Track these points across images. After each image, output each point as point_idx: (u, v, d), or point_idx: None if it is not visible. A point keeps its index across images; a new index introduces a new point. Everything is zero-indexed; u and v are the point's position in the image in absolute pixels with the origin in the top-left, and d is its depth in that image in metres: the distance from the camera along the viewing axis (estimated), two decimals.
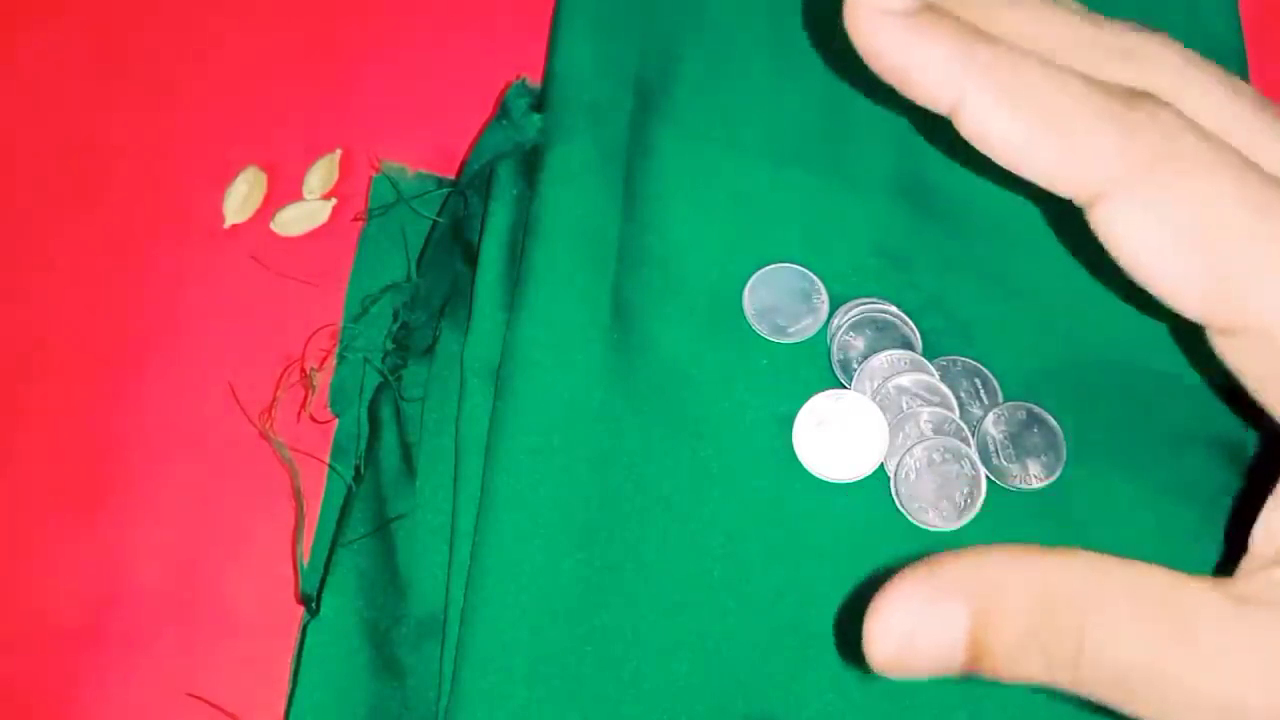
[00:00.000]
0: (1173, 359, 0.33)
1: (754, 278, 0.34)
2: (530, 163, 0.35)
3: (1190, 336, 0.23)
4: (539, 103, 0.36)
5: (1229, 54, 0.36)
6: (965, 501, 0.31)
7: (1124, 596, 0.20)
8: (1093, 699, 0.21)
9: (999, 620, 0.21)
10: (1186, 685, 0.20)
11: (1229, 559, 0.24)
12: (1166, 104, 0.21)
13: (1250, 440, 0.32)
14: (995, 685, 0.25)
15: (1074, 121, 0.21)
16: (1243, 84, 0.23)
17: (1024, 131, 0.21)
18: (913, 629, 0.21)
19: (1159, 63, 0.23)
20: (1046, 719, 0.30)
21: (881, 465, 0.32)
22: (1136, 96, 0.21)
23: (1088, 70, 0.22)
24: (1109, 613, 0.20)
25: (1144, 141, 0.21)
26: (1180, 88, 0.22)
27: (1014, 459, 0.32)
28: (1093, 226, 0.22)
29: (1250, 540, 0.22)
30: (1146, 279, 0.21)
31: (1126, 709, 0.21)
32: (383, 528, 0.32)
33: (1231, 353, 0.22)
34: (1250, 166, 0.21)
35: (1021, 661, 0.21)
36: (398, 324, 0.35)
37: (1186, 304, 0.21)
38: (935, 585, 0.21)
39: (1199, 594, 0.20)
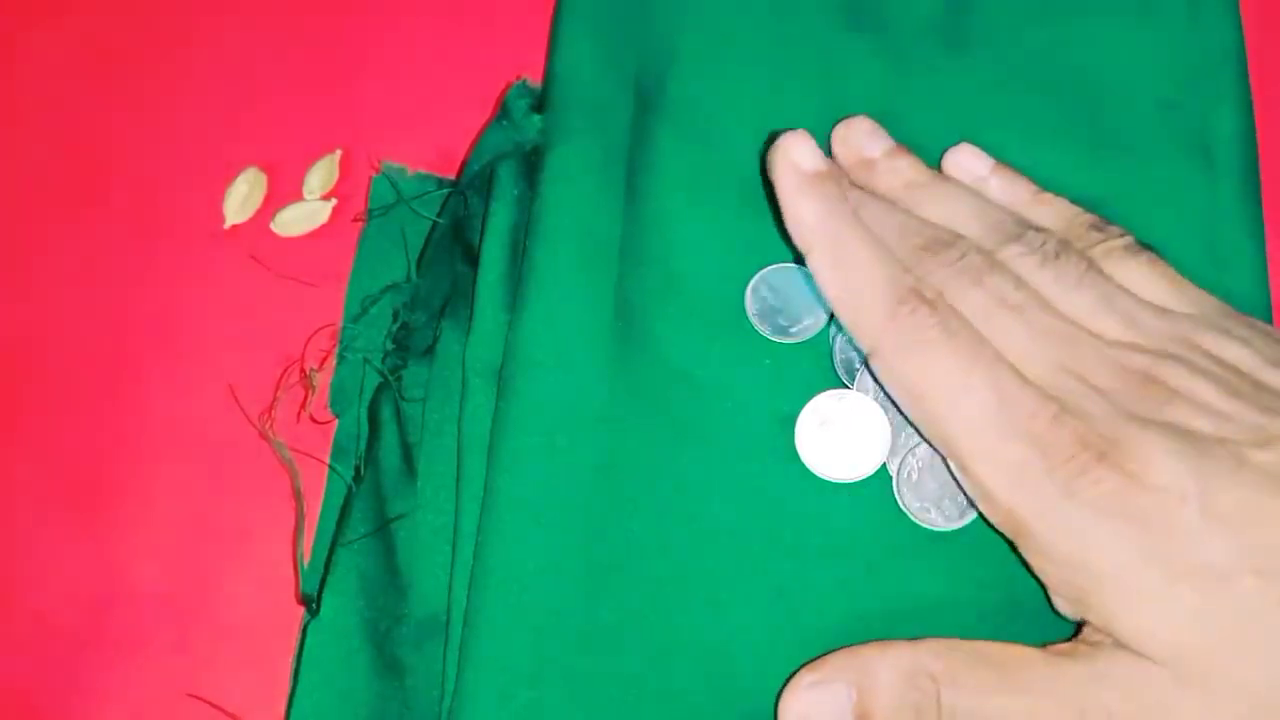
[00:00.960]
0: None
1: (756, 277, 0.34)
2: (531, 163, 0.35)
3: None
4: (539, 103, 0.36)
5: (1229, 54, 0.36)
6: (968, 500, 0.31)
7: (965, 664, 0.27)
8: None
9: (874, 693, 0.28)
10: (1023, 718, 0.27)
11: None
12: (929, 302, 0.29)
13: None
14: None
15: (866, 301, 0.29)
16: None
17: (837, 293, 0.30)
18: (808, 709, 0.28)
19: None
20: None
21: (884, 465, 0.32)
22: (912, 295, 0.29)
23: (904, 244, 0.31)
24: (954, 678, 0.27)
25: (900, 328, 0.29)
26: (957, 288, 0.30)
27: None
28: (870, 366, 0.30)
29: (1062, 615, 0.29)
30: (902, 410, 0.30)
31: None
32: (383, 528, 0.32)
33: (954, 472, 0.29)
34: (967, 351, 0.28)
35: None
36: (398, 324, 0.35)
37: (921, 433, 0.30)
38: (821, 671, 0.28)
39: (1024, 653, 0.27)
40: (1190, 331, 0.29)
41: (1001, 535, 0.29)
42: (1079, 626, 0.28)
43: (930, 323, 0.28)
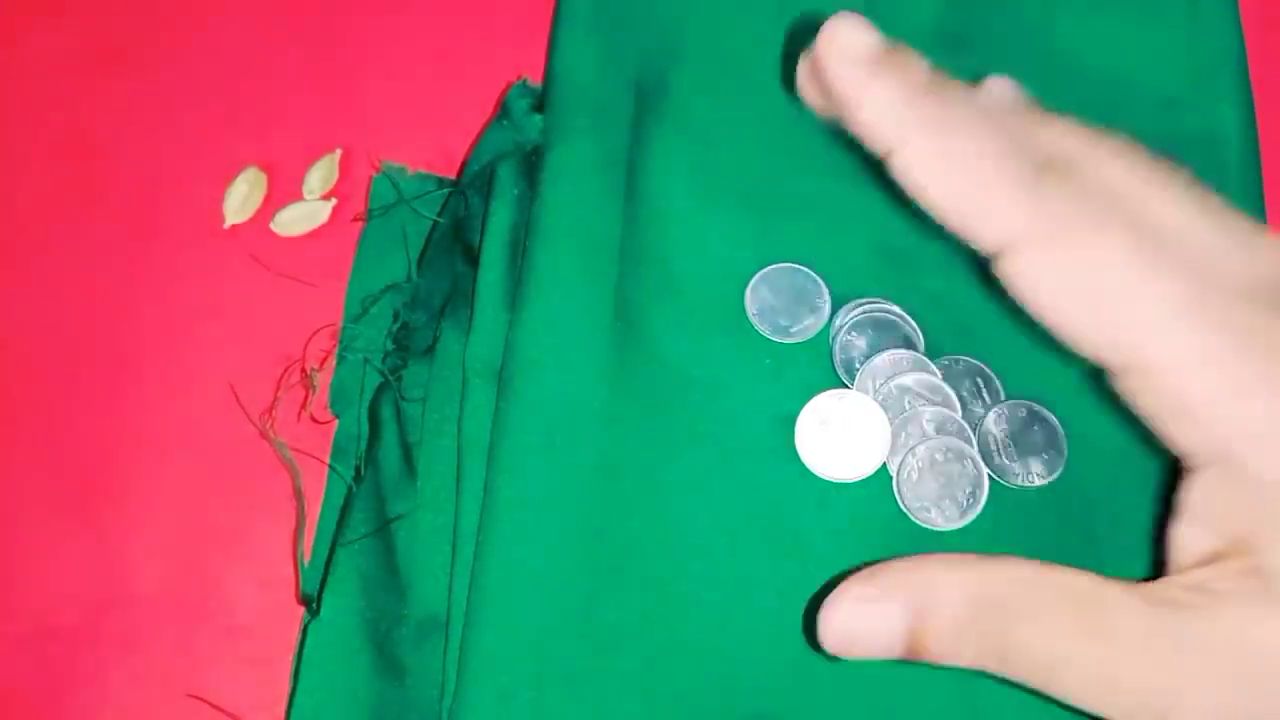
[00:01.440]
0: None
1: (756, 277, 0.34)
2: (531, 163, 0.35)
3: (1098, 377, 0.26)
4: (540, 103, 0.36)
5: (1229, 54, 0.36)
6: (968, 501, 0.31)
7: (1046, 598, 0.23)
8: (1022, 685, 0.24)
9: (932, 617, 0.24)
10: (1103, 673, 0.22)
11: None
12: (1074, 172, 0.24)
13: None
14: (995, 688, 0.27)
15: (993, 183, 0.24)
16: (1138, 152, 0.26)
17: (949, 185, 0.24)
18: (854, 625, 0.25)
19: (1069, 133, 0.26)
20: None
21: (884, 465, 0.32)
22: (1049, 166, 0.24)
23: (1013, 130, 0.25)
24: (1031, 613, 0.23)
25: (1049, 208, 0.23)
26: (1087, 153, 0.25)
27: (1015, 457, 0.32)
28: (1000, 274, 0.24)
29: (1168, 553, 0.25)
30: (1048, 323, 0.24)
31: (1052, 693, 0.23)
32: (383, 528, 0.32)
33: (1127, 392, 0.25)
34: (1139, 229, 0.23)
35: (954, 652, 0.24)
36: (398, 324, 0.35)
37: (1082, 347, 0.24)
38: (876, 587, 0.25)
39: (1117, 595, 0.23)
40: None
41: (1175, 469, 0.24)
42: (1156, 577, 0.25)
43: (1084, 194, 0.23)
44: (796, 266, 0.34)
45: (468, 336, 0.33)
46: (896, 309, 0.33)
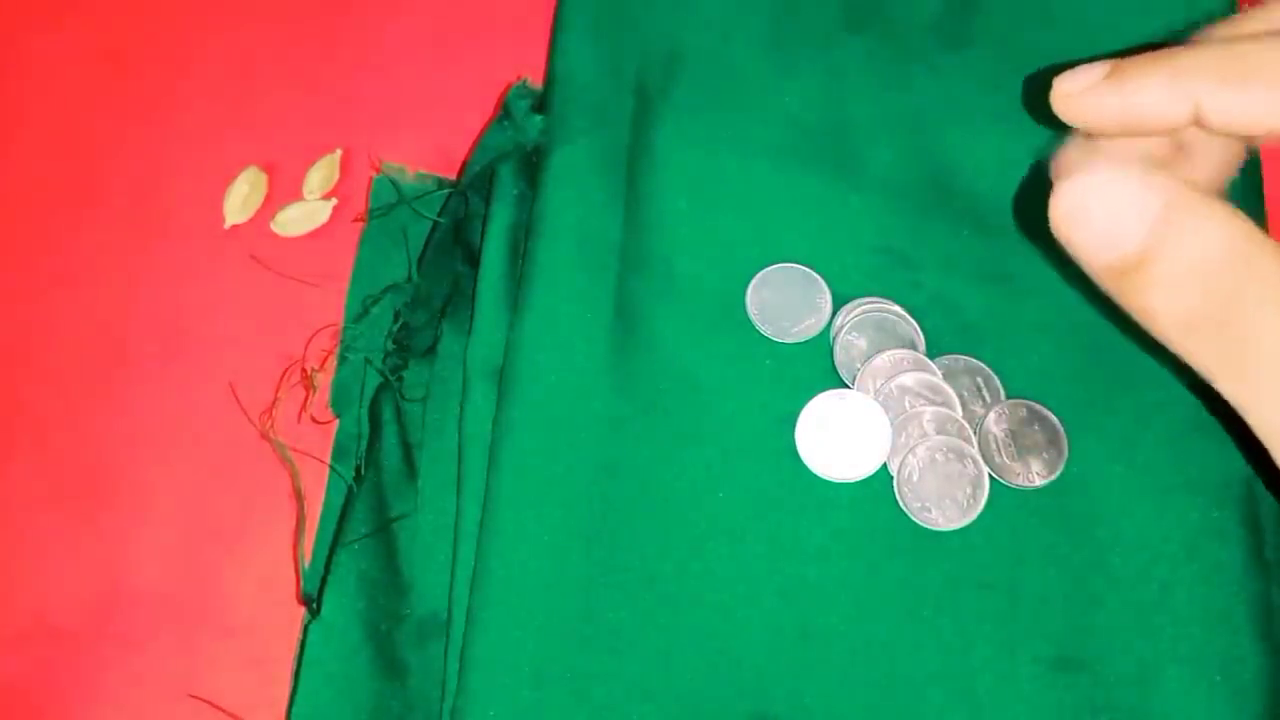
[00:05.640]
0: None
1: (757, 277, 0.34)
2: (531, 163, 0.35)
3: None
4: (540, 104, 0.36)
5: None
6: (968, 501, 0.31)
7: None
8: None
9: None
10: None
11: None
12: None
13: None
14: (995, 688, 0.29)
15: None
16: None
17: (1254, 97, 0.24)
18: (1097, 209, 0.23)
19: None
20: None
21: (884, 465, 0.32)
22: None
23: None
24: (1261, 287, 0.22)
25: None
26: None
27: (1016, 456, 0.32)
28: None
29: None
30: None
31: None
32: (384, 528, 0.32)
33: None
34: None
35: (1175, 304, 0.23)
36: (398, 324, 0.35)
37: None
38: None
39: None
40: None
41: None
42: None
43: None
44: (796, 266, 0.34)
45: (468, 336, 0.33)
46: (896, 309, 0.33)
